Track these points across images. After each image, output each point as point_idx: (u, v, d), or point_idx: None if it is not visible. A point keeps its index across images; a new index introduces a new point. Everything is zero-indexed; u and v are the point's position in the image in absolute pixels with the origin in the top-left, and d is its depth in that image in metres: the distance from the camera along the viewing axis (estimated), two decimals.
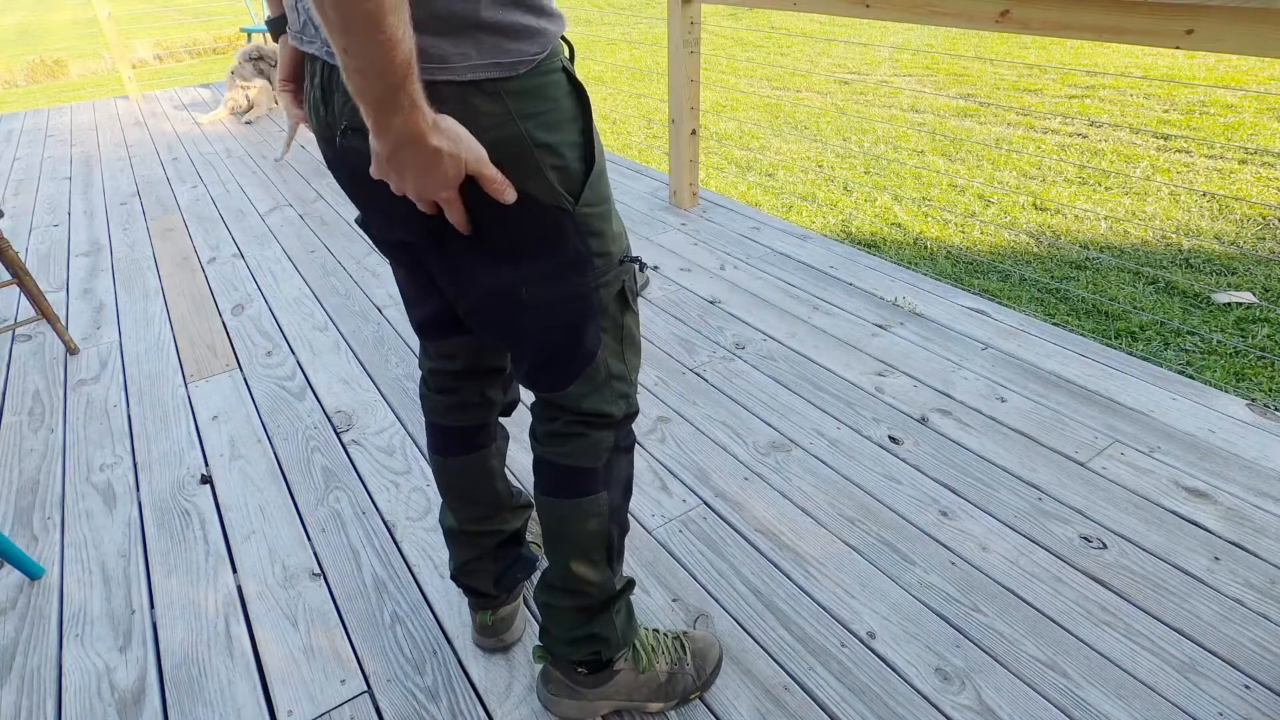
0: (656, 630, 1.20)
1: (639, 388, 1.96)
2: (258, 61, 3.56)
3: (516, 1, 0.71)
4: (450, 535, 1.20)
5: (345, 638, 1.33)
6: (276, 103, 4.89)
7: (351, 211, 3.23)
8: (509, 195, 0.75)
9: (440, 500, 1.24)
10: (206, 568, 1.49)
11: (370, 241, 0.93)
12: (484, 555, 1.21)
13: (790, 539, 1.47)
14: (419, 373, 2.07)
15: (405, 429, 1.85)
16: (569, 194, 0.80)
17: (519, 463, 1.71)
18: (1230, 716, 1.13)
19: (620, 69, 7.19)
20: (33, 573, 1.48)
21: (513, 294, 0.85)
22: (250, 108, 3.67)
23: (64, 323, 2.45)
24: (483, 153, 0.71)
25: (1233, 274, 2.72)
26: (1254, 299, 2.54)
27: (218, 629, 1.36)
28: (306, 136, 4.37)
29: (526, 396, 1.85)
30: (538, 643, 1.17)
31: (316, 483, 1.70)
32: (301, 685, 1.25)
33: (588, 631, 1.08)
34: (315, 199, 3.41)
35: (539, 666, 1.22)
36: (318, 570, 1.47)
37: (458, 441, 1.14)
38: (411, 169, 0.69)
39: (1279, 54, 1.38)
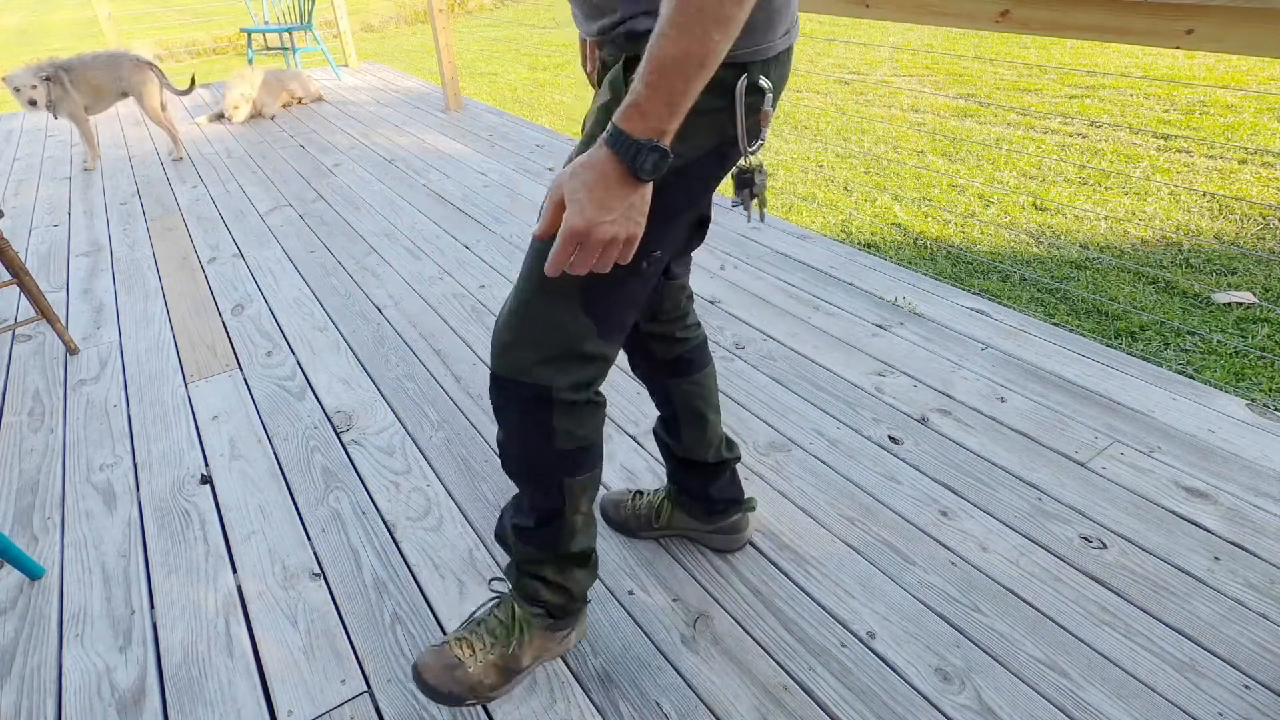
0: None
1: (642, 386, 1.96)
2: (47, 82, 3.58)
3: None
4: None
5: (345, 638, 1.33)
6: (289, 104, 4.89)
7: (351, 212, 3.23)
8: None
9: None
10: (206, 568, 1.49)
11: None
12: None
13: (790, 539, 1.47)
14: (416, 375, 2.07)
15: (405, 429, 1.85)
16: None
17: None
18: (1230, 716, 1.13)
19: None
20: (33, 573, 1.48)
21: None
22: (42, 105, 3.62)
23: (64, 323, 2.45)
24: None
25: (1233, 274, 2.72)
26: (1254, 299, 2.54)
27: (218, 629, 1.36)
28: (309, 137, 4.37)
29: None
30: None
31: (316, 483, 1.70)
32: (301, 685, 1.25)
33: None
34: (315, 199, 3.41)
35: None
36: (318, 570, 1.47)
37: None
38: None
39: (1279, 54, 1.38)
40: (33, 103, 3.54)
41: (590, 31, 0.91)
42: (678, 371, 1.24)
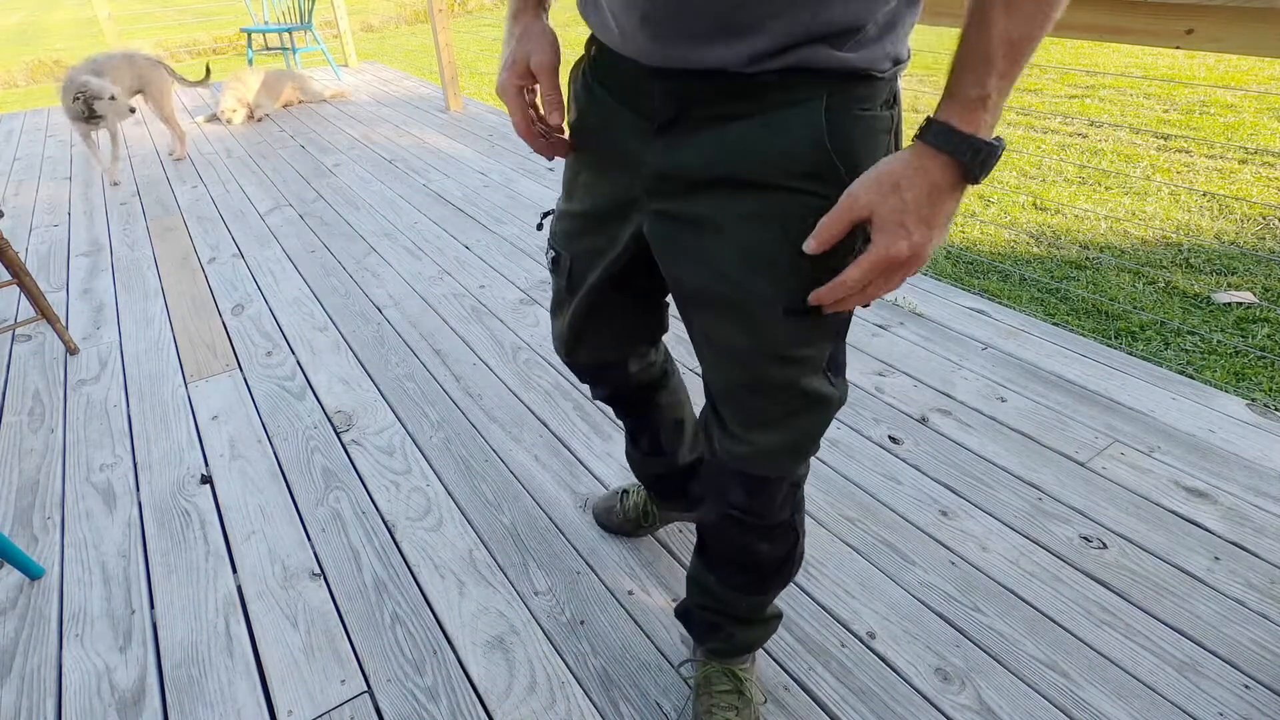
0: None
1: None
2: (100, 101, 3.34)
3: None
4: None
5: (345, 638, 1.33)
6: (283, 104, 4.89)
7: (351, 212, 3.23)
8: None
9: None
10: (206, 568, 1.49)
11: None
12: None
13: None
14: (416, 375, 2.07)
15: (405, 429, 1.85)
16: None
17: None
18: (1230, 716, 1.13)
19: None
20: (33, 573, 1.48)
21: None
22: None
23: (64, 323, 2.45)
24: None
25: (1233, 274, 2.72)
26: (1254, 299, 2.54)
27: (218, 629, 1.36)
28: (309, 137, 4.37)
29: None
30: None
31: (316, 483, 1.70)
32: (301, 685, 1.25)
33: None
34: (315, 199, 3.41)
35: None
36: (318, 570, 1.47)
37: None
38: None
39: (1279, 54, 1.38)
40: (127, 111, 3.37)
41: (714, 59, 0.65)
42: (662, 383, 1.16)
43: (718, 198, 0.73)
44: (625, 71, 0.74)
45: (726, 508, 0.92)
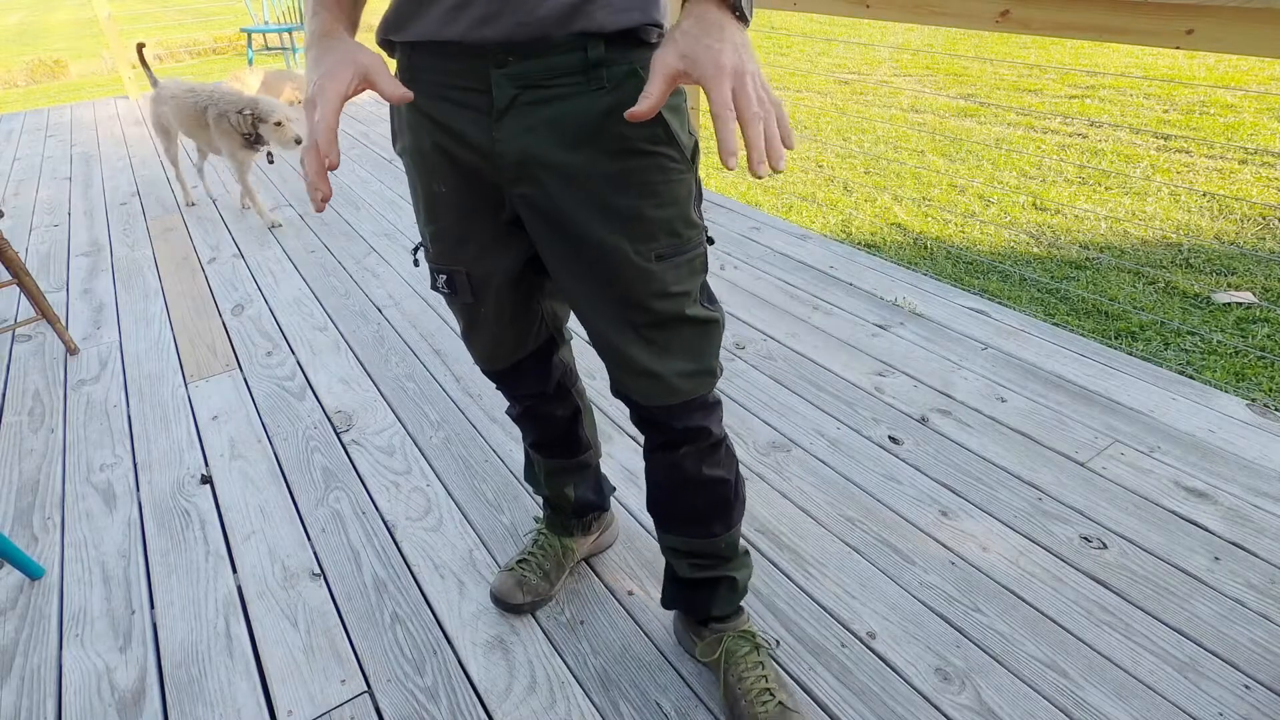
0: None
1: None
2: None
3: None
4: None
5: (345, 638, 1.33)
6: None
7: (351, 212, 3.23)
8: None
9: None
10: (206, 568, 1.49)
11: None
12: None
13: (790, 539, 1.47)
14: (416, 375, 2.07)
15: (405, 429, 1.85)
16: None
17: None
18: (1230, 716, 1.13)
19: None
20: (33, 573, 1.48)
21: None
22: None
23: (64, 323, 2.45)
24: None
25: (1233, 274, 2.72)
26: (1254, 299, 2.54)
27: (218, 629, 1.36)
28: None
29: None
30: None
31: (316, 483, 1.70)
32: (301, 685, 1.25)
33: None
34: None
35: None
36: (318, 570, 1.47)
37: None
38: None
39: (1279, 54, 1.38)
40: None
41: (522, 22, 0.73)
42: (574, 374, 1.20)
43: (576, 174, 0.80)
44: (453, 70, 0.78)
45: (673, 445, 1.00)
